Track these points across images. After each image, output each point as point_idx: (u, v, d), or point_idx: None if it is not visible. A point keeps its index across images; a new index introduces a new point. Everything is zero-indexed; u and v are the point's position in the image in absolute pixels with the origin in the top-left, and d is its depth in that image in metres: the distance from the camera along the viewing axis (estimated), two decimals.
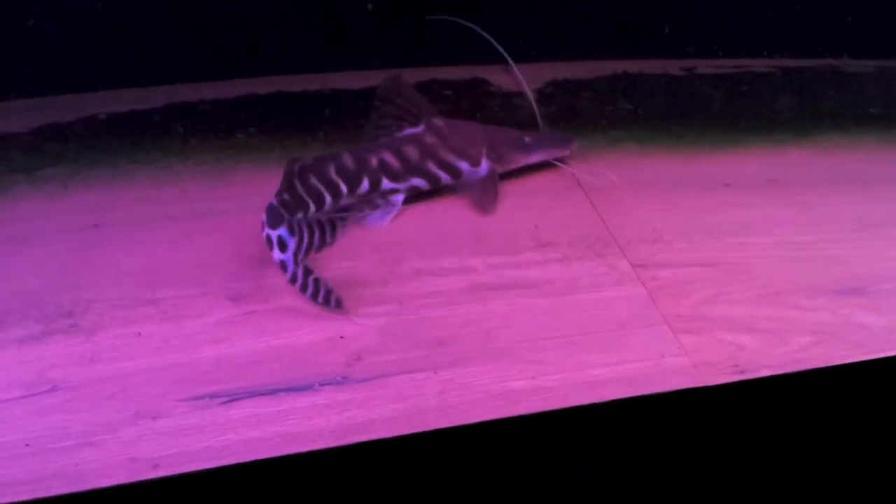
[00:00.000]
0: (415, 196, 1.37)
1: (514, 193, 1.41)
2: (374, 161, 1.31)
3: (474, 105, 1.79)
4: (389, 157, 1.32)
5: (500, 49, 1.47)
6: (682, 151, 1.52)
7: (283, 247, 1.10)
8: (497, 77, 1.98)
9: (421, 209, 1.36)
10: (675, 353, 1.04)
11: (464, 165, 1.37)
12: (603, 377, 1.00)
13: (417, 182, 1.35)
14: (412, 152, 1.34)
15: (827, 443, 1.03)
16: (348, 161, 1.29)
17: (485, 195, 1.37)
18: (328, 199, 1.25)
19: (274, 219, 1.11)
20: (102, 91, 1.71)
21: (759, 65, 1.99)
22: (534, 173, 1.47)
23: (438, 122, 1.38)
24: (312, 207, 1.22)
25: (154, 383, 0.95)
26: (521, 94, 1.87)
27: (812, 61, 2.00)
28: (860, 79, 1.93)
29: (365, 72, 1.93)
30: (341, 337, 1.04)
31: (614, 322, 1.09)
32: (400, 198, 1.35)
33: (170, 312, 1.07)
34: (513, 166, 1.43)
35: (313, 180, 1.24)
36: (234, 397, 0.94)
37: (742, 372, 1.00)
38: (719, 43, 2.06)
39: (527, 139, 1.43)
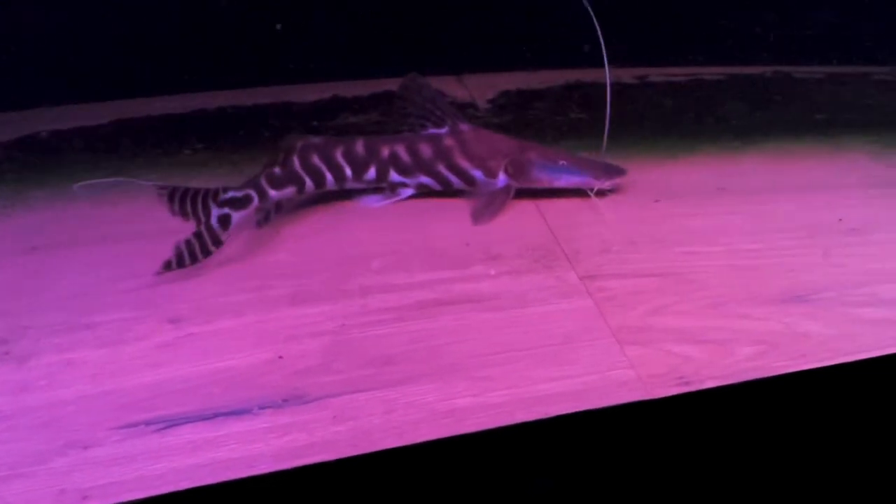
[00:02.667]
0: (425, 194, 1.41)
1: (458, 203, 1.41)
2: (385, 152, 1.35)
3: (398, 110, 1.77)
4: (402, 151, 1.35)
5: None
6: (633, 160, 1.52)
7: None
8: (450, 88, 1.98)
9: (374, 224, 1.34)
10: (621, 365, 1.03)
11: (478, 175, 1.37)
12: (549, 392, 0.99)
13: (426, 181, 1.37)
14: (426, 151, 1.36)
15: (771, 452, 1.03)
16: (359, 147, 1.35)
17: (485, 207, 1.36)
18: (329, 179, 1.34)
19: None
20: (46, 108, 1.68)
21: (710, 72, 2.00)
22: None
23: (464, 127, 1.38)
24: (310, 184, 1.32)
25: (87, 411, 0.93)
26: (472, 105, 1.87)
27: (761, 68, 2.02)
28: (808, 85, 1.95)
29: (316, 84, 1.92)
30: (282, 357, 1.02)
31: (562, 335, 1.08)
32: (408, 191, 1.38)
33: (107, 337, 1.04)
34: (534, 185, 1.40)
35: (316, 159, 1.32)
36: (170, 424, 0.91)
37: (687, 384, 0.99)
38: (672, 51, 2.08)
39: (562, 162, 1.39)
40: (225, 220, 1.23)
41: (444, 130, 1.38)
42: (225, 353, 1.03)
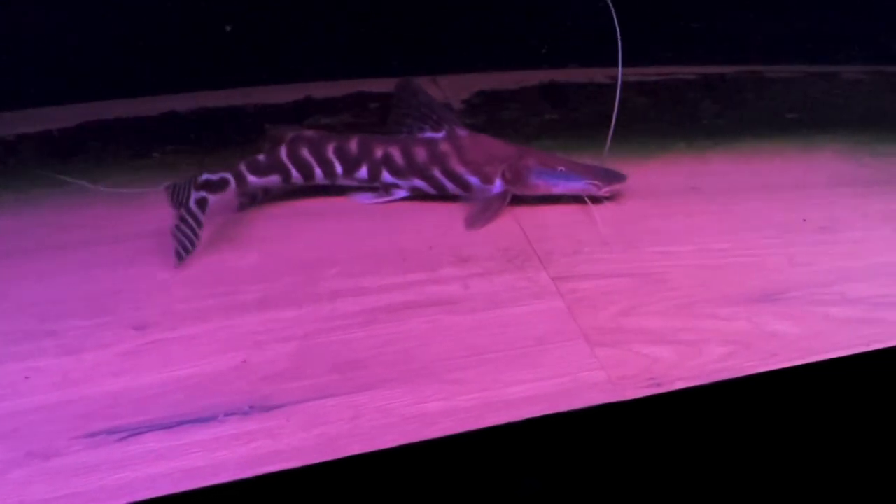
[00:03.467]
0: (412, 198, 1.40)
1: (437, 207, 1.40)
2: (379, 152, 1.35)
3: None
4: (396, 153, 1.35)
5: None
6: (606, 160, 1.52)
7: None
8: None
9: (345, 227, 1.33)
10: (591, 367, 1.02)
11: (474, 180, 1.36)
12: (519, 395, 0.98)
13: (420, 184, 1.36)
14: (421, 154, 1.35)
15: (742, 452, 1.03)
16: (352, 145, 1.35)
17: (481, 213, 1.34)
18: (318, 173, 1.35)
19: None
20: (10, 111, 1.66)
21: (684, 72, 2.01)
22: None
23: (461, 132, 1.37)
24: (297, 175, 1.34)
25: (49, 421, 0.91)
26: (447, 106, 1.86)
27: (734, 68, 2.02)
28: (780, 85, 1.95)
29: (289, 85, 1.90)
30: (250, 363, 1.01)
31: (532, 337, 1.08)
32: (401, 192, 1.37)
33: (70, 345, 1.03)
34: (532, 192, 1.38)
35: (305, 152, 1.34)
36: (133, 432, 0.90)
37: (658, 385, 0.99)
38: (646, 51, 2.08)
39: (561, 168, 1.37)
40: (202, 203, 1.25)
41: (441, 135, 1.37)
42: (190, 360, 1.01)
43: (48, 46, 1.65)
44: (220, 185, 1.29)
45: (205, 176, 1.26)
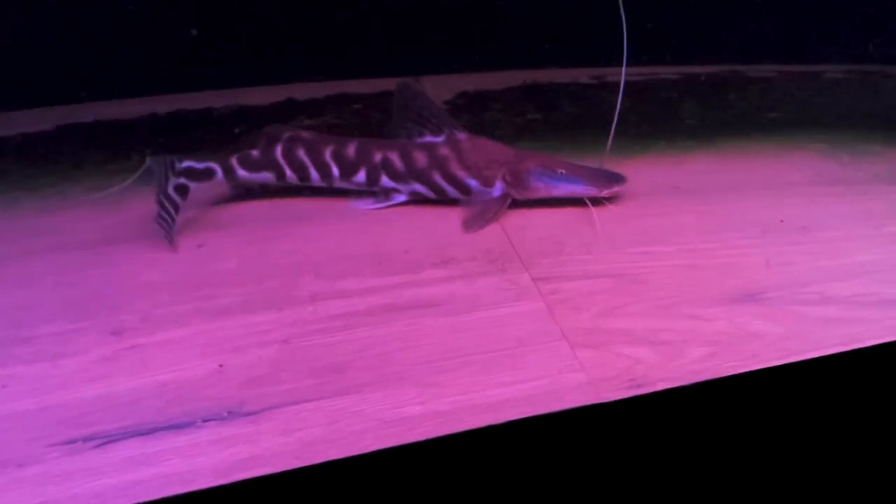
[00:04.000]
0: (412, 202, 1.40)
1: (422, 210, 1.39)
2: (377, 156, 1.35)
3: (385, 118, 1.76)
4: (395, 158, 1.35)
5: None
6: (588, 160, 1.52)
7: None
8: None
9: (327, 230, 1.32)
10: (572, 369, 1.02)
11: (474, 184, 1.35)
12: (499, 398, 0.97)
13: (420, 188, 1.36)
14: (420, 159, 1.34)
15: (723, 453, 1.03)
16: (350, 149, 1.35)
17: (478, 215, 1.34)
18: (315, 175, 1.36)
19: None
20: None
21: (666, 72, 2.01)
22: None
23: (461, 136, 1.37)
24: (291, 175, 1.35)
25: (24, 428, 0.90)
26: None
27: (716, 68, 2.03)
28: (761, 84, 1.96)
29: (270, 87, 1.89)
30: (228, 368, 1.00)
31: (513, 339, 1.07)
32: (401, 197, 1.37)
33: (46, 351, 1.02)
34: (533, 195, 1.37)
35: (301, 153, 1.34)
36: (110, 439, 0.89)
37: (638, 386, 0.98)
38: (628, 52, 2.07)
39: (561, 171, 1.35)
40: (182, 190, 1.28)
41: (440, 138, 1.36)
42: (169, 365, 1.00)
43: (23, 50, 1.64)
44: (204, 174, 1.30)
45: (187, 163, 1.27)
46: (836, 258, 1.24)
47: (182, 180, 1.28)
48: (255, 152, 1.35)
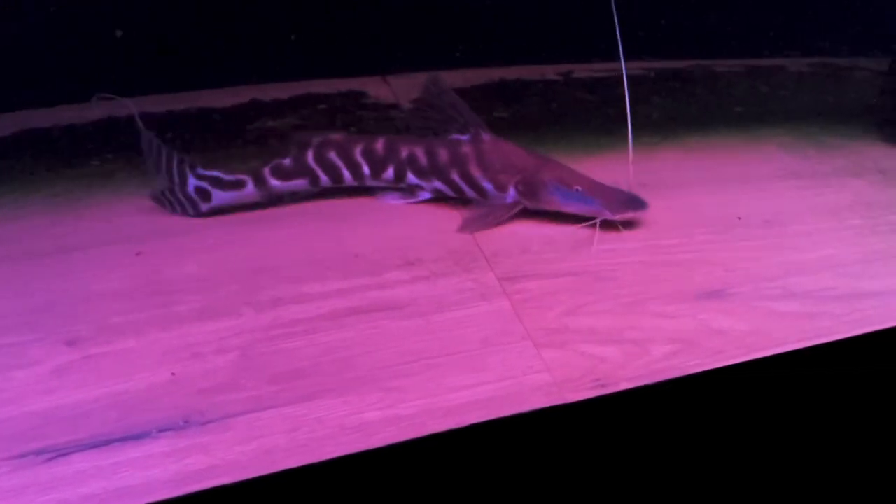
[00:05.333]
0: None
1: (384, 209, 1.38)
2: (404, 152, 1.34)
3: (350, 119, 1.75)
4: (420, 154, 1.34)
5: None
6: (554, 156, 1.51)
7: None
8: (375, 88, 1.95)
9: (289, 233, 1.31)
10: (537, 369, 1.01)
11: (488, 186, 1.33)
12: (463, 400, 0.96)
13: (440, 186, 1.35)
14: (443, 156, 1.33)
15: (687, 451, 1.02)
16: (379, 146, 1.35)
17: (481, 217, 1.32)
18: (347, 175, 1.36)
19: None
20: None
21: (633, 67, 2.00)
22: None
23: (486, 136, 1.35)
24: (325, 178, 1.36)
25: None
26: (396, 106, 1.84)
27: (683, 63, 2.03)
28: (728, 79, 1.96)
29: (233, 88, 1.87)
30: (186, 376, 0.98)
31: (478, 340, 1.06)
32: (425, 194, 1.37)
33: None
34: (544, 207, 1.32)
35: (333, 155, 1.34)
36: (62, 452, 0.87)
37: (603, 386, 0.98)
38: (596, 47, 2.07)
39: (578, 188, 1.30)
40: (204, 194, 1.32)
41: (465, 137, 1.34)
42: (124, 375, 0.98)
43: None
44: (232, 185, 1.33)
45: (215, 173, 1.31)
46: (800, 252, 1.24)
47: (205, 185, 1.31)
48: (286, 161, 1.35)
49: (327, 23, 1.93)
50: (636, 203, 1.29)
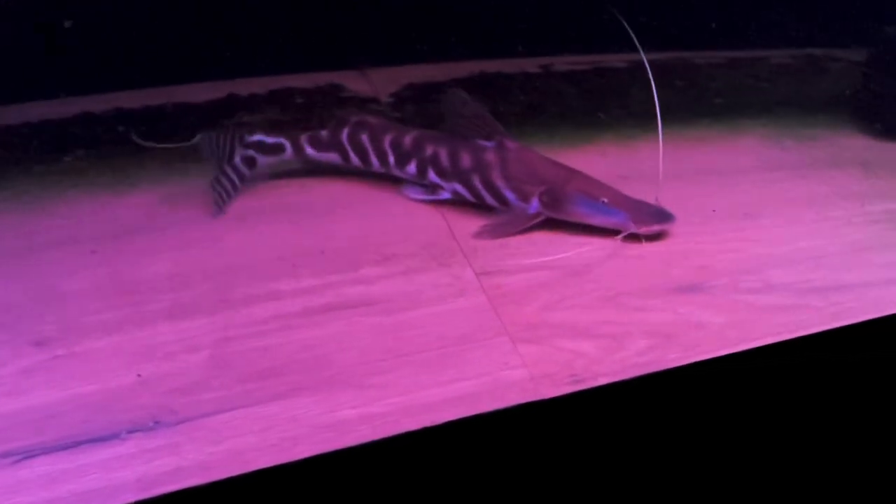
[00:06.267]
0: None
1: (359, 203, 1.37)
2: (429, 149, 1.33)
3: (328, 113, 1.73)
4: (444, 154, 1.32)
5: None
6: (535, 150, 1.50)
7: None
8: (352, 83, 1.93)
9: (263, 229, 1.29)
10: (513, 365, 1.00)
11: (510, 196, 1.30)
12: (439, 398, 0.95)
13: (460, 189, 1.33)
14: (466, 160, 1.31)
15: (665, 448, 1.02)
16: (407, 139, 1.35)
17: (501, 225, 1.28)
18: (374, 161, 1.38)
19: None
20: None
21: (613, 59, 2.00)
22: (379, 183, 1.41)
23: (511, 144, 1.32)
24: (355, 158, 1.39)
25: None
26: (375, 100, 1.82)
27: (663, 54, 2.02)
28: (708, 70, 1.96)
29: (210, 83, 1.85)
30: (156, 376, 0.96)
31: (455, 336, 1.05)
32: (445, 194, 1.35)
33: None
34: (568, 219, 1.28)
35: (364, 139, 1.37)
36: (28, 455, 0.85)
37: (579, 381, 0.97)
38: (576, 40, 2.07)
39: (604, 200, 1.25)
40: (249, 161, 1.37)
41: (491, 144, 1.32)
42: (93, 376, 0.96)
43: None
44: (273, 149, 1.38)
45: (257, 136, 1.36)
46: (779, 244, 1.24)
47: (251, 152, 1.35)
48: (324, 132, 1.39)
49: (305, 16, 1.91)
50: (664, 216, 1.25)
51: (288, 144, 1.39)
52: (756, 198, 1.35)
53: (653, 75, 1.67)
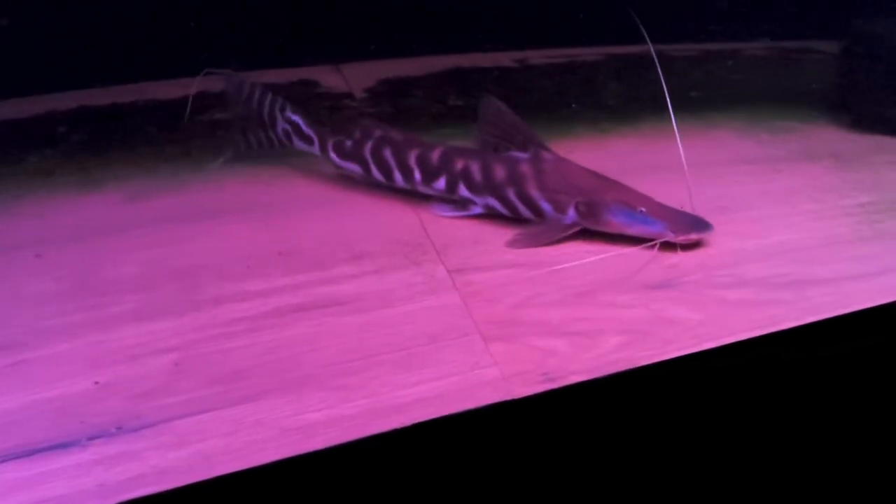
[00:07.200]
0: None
1: (331, 201, 1.35)
2: (459, 164, 1.30)
3: (303, 108, 1.71)
4: (475, 168, 1.29)
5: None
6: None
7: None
8: (327, 78, 1.91)
9: (233, 229, 1.27)
10: (485, 364, 0.99)
11: (546, 207, 1.27)
12: (409, 398, 0.93)
13: (493, 203, 1.30)
14: (499, 172, 1.28)
15: (638, 446, 1.01)
16: (435, 154, 1.32)
17: (534, 235, 1.25)
18: (398, 177, 1.35)
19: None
20: None
21: (589, 53, 1.99)
22: (350, 181, 1.40)
23: (547, 155, 1.29)
24: (377, 173, 1.36)
25: None
26: (350, 95, 1.81)
27: (638, 48, 2.01)
28: (684, 63, 1.95)
29: (182, 79, 1.82)
30: (120, 380, 0.94)
31: (426, 335, 1.04)
32: (476, 209, 1.32)
33: None
34: (604, 229, 1.25)
35: (388, 154, 1.34)
36: None
37: (551, 380, 0.95)
38: (551, 33, 2.06)
39: (642, 209, 1.23)
40: (287, 135, 1.41)
41: (525, 155, 1.29)
42: (56, 381, 0.94)
43: None
44: (305, 138, 1.41)
45: (297, 118, 1.40)
46: (752, 239, 1.23)
47: (289, 128, 1.39)
48: (348, 142, 1.38)
49: (277, 11, 1.88)
50: (701, 225, 1.22)
51: (316, 140, 1.39)
52: (730, 191, 1.34)
53: (629, 69, 1.67)
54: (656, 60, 1.32)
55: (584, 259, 1.18)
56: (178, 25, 1.81)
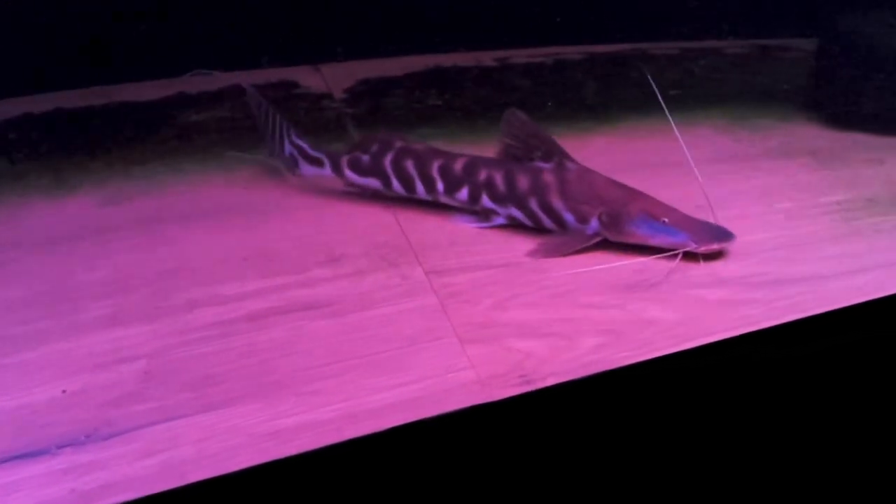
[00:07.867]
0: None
1: (308, 203, 1.34)
2: (483, 174, 1.28)
3: (281, 109, 1.69)
4: (499, 178, 1.27)
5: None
6: (485, 144, 1.47)
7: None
8: (306, 79, 1.90)
9: (207, 231, 1.26)
10: (461, 366, 0.98)
11: (569, 218, 1.24)
12: (384, 403, 0.93)
13: (517, 213, 1.27)
14: (523, 183, 1.26)
15: (618, 447, 1.00)
16: (458, 165, 1.30)
17: (557, 246, 1.23)
18: (420, 188, 1.32)
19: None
20: None
21: (569, 52, 1.98)
22: (327, 183, 1.38)
23: (571, 165, 1.27)
24: (398, 185, 1.33)
25: None
26: (329, 96, 1.80)
27: (619, 46, 2.01)
28: (663, 62, 1.95)
29: (157, 81, 1.81)
30: (89, 388, 0.93)
31: (403, 338, 1.03)
32: (499, 220, 1.29)
33: None
34: (627, 240, 1.23)
35: (409, 165, 1.31)
36: None
37: (528, 382, 0.95)
38: (533, 32, 2.05)
39: (665, 220, 1.21)
40: (294, 161, 1.38)
41: (549, 165, 1.27)
42: (22, 389, 0.93)
43: None
44: (314, 161, 1.37)
45: (301, 142, 1.37)
46: None
47: (295, 153, 1.37)
48: (365, 157, 1.33)
49: (256, 11, 1.87)
50: (724, 235, 1.21)
51: (327, 162, 1.36)
52: (708, 190, 1.33)
53: (609, 67, 1.67)
54: (645, 72, 1.29)
55: (562, 259, 1.18)
56: (153, 26, 1.80)
